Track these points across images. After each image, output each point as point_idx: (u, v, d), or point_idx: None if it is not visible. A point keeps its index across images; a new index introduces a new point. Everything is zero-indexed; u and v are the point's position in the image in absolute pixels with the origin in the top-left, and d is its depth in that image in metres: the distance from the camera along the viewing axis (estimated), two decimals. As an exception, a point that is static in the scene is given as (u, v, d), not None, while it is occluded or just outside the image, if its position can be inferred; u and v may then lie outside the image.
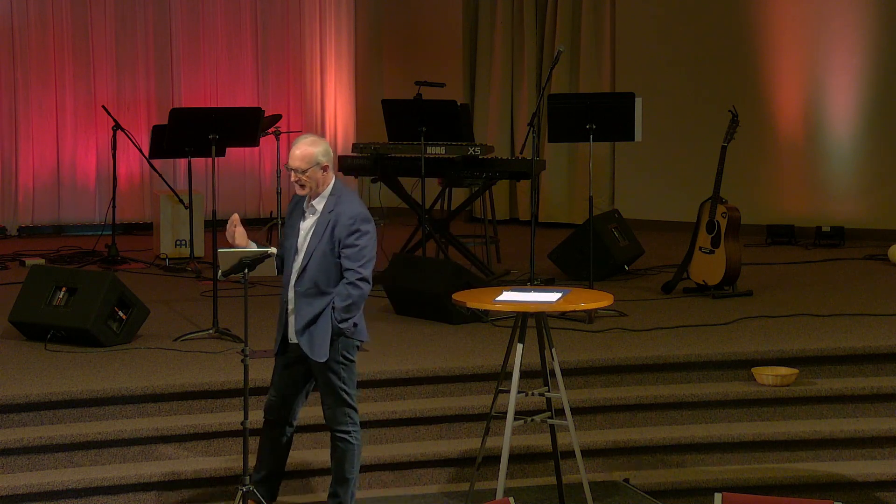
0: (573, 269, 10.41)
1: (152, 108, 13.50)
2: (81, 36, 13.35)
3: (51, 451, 6.96)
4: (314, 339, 6.30)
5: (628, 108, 9.35)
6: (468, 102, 14.05)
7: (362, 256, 6.26)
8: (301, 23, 14.21)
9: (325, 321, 6.28)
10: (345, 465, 6.42)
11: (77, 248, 12.09)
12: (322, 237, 6.26)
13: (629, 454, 7.52)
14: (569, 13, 13.71)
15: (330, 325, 6.28)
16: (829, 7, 12.59)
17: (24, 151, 13.25)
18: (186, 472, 6.99)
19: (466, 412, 7.51)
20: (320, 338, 6.29)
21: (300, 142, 6.31)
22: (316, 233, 6.28)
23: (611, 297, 6.83)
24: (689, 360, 8.03)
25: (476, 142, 10.87)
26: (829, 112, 12.63)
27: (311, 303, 6.27)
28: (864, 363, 8.10)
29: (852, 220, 12.48)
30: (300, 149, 6.27)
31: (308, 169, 6.24)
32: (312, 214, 6.33)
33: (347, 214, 6.26)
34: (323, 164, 6.27)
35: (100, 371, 7.66)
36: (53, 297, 8.37)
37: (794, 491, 7.34)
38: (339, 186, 6.35)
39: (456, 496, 7.12)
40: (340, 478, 6.44)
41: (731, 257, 9.76)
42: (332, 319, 6.26)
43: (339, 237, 6.25)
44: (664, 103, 12.87)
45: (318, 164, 6.26)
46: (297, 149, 6.28)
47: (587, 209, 9.41)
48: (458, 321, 8.85)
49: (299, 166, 6.24)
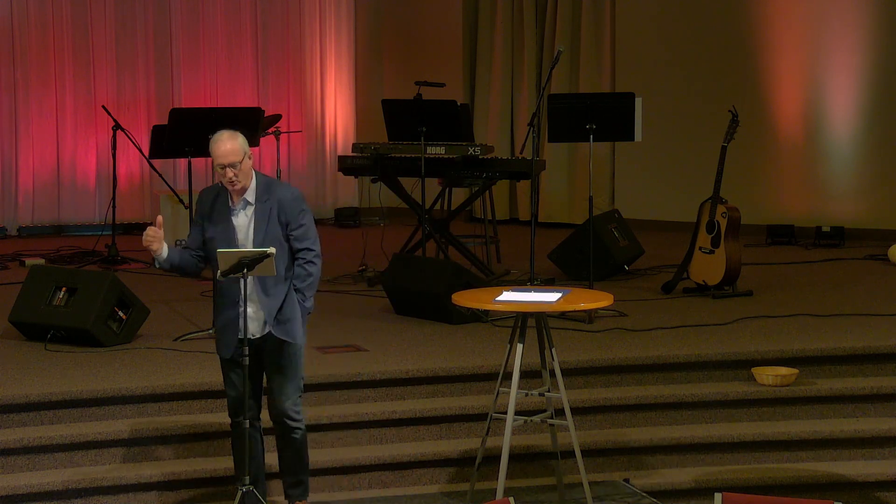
0: (573, 269, 10.41)
1: (152, 108, 13.51)
2: (81, 36, 13.36)
3: (51, 451, 6.96)
4: (289, 325, 6.33)
5: (628, 108, 9.35)
6: (468, 102, 14.05)
7: (310, 233, 6.36)
8: (301, 23, 14.21)
9: (294, 305, 6.34)
10: (304, 451, 6.53)
11: (77, 248, 12.09)
12: (268, 225, 6.26)
13: (629, 454, 7.51)
14: (569, 13, 13.71)
15: (298, 308, 6.34)
16: (829, 7, 12.60)
17: (24, 151, 13.26)
18: (186, 472, 6.98)
19: (466, 412, 7.51)
20: (295, 322, 6.34)
21: (221, 137, 6.21)
22: (259, 223, 6.27)
23: (611, 297, 6.83)
24: (689, 360, 8.02)
25: (476, 142, 10.87)
26: (829, 112, 12.63)
27: (274, 291, 6.29)
28: (864, 363, 8.10)
29: (852, 220, 12.48)
30: (227, 144, 6.18)
31: (240, 161, 6.20)
32: (245, 207, 6.30)
33: (288, 197, 6.30)
34: (249, 152, 6.28)
35: (100, 371, 7.65)
36: (53, 297, 8.37)
37: (794, 491, 7.34)
38: (260, 175, 6.36)
39: (456, 496, 7.12)
40: (301, 463, 6.53)
41: (731, 257, 9.76)
42: (299, 302, 6.33)
43: (287, 220, 6.28)
44: (664, 103, 12.87)
45: (246, 154, 6.24)
46: (222, 144, 6.18)
47: (587, 209, 9.41)
48: (458, 321, 8.85)
49: (233, 160, 6.17)
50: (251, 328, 6.31)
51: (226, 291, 6.31)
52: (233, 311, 6.30)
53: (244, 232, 6.29)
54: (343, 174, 11.43)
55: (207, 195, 6.39)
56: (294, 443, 6.50)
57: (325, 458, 7.17)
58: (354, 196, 14.48)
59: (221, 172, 6.21)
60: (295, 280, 6.35)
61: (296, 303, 6.35)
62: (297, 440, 6.49)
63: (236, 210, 6.31)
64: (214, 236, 6.30)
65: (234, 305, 6.29)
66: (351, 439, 7.36)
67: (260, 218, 6.27)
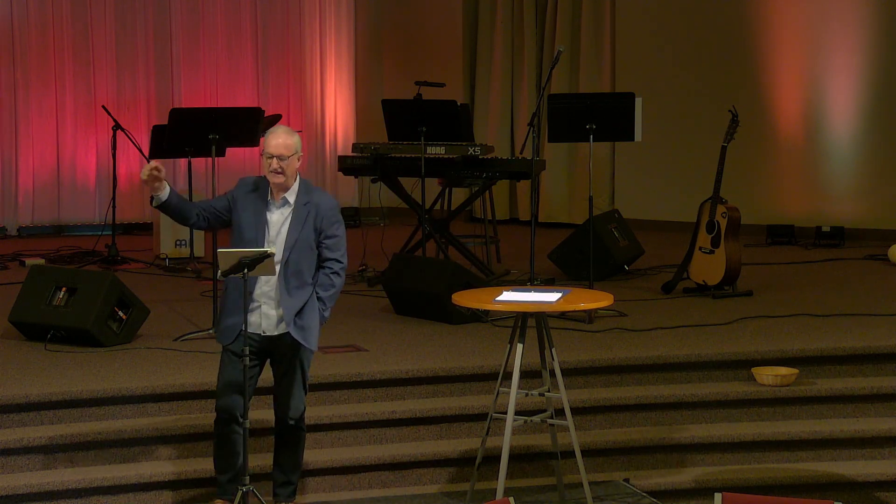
0: (573, 269, 10.41)
1: (152, 108, 13.51)
2: (81, 36, 13.36)
3: (51, 451, 6.96)
4: (307, 328, 6.37)
5: (628, 108, 9.34)
6: (468, 102, 14.05)
7: (342, 246, 6.43)
8: (301, 23, 14.21)
9: (314, 310, 6.38)
10: (300, 452, 6.58)
11: (77, 248, 12.09)
12: (303, 228, 6.32)
13: (629, 454, 7.51)
14: (569, 13, 13.71)
15: (318, 314, 6.39)
16: (829, 7, 12.60)
17: (24, 151, 13.26)
18: (186, 472, 6.98)
19: (466, 412, 7.51)
20: (312, 327, 6.39)
21: (278, 131, 6.36)
22: (294, 224, 6.32)
23: (611, 297, 6.83)
24: (689, 360, 8.02)
25: (476, 142, 10.87)
26: (829, 112, 12.63)
27: (297, 293, 6.32)
28: (864, 363, 8.10)
29: (852, 220, 12.48)
30: (281, 137, 6.32)
31: (289, 157, 6.31)
32: (283, 206, 6.36)
33: (327, 205, 6.38)
34: (300, 154, 6.38)
35: (100, 371, 7.65)
36: (53, 297, 8.37)
37: (794, 491, 7.34)
38: (303, 179, 6.44)
39: (456, 496, 7.12)
40: (296, 465, 6.58)
41: (731, 257, 9.76)
42: (319, 310, 6.38)
43: (321, 228, 6.34)
44: (664, 103, 12.88)
45: (297, 154, 6.35)
46: (277, 137, 6.32)
47: (587, 209, 9.40)
48: (458, 321, 8.85)
49: (283, 153, 6.29)
50: (264, 325, 6.36)
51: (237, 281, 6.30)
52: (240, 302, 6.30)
53: (276, 228, 6.34)
54: (343, 174, 11.43)
55: (247, 183, 6.46)
56: (296, 445, 6.55)
57: (325, 458, 7.18)
58: (354, 196, 14.48)
59: (268, 162, 6.30)
60: (318, 288, 6.39)
61: (316, 310, 6.39)
62: (300, 442, 6.56)
63: (273, 206, 6.36)
64: (243, 223, 6.35)
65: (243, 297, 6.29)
66: (351, 439, 7.36)
67: (296, 219, 6.33)
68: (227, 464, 6.53)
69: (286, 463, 6.58)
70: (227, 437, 6.48)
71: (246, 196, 6.41)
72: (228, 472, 6.53)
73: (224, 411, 6.44)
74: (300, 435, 6.55)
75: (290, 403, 6.45)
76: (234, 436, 6.46)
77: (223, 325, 6.43)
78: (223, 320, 6.44)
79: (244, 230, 6.35)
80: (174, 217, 6.56)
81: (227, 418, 6.44)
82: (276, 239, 6.33)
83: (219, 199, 6.50)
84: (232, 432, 6.46)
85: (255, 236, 6.32)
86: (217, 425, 6.52)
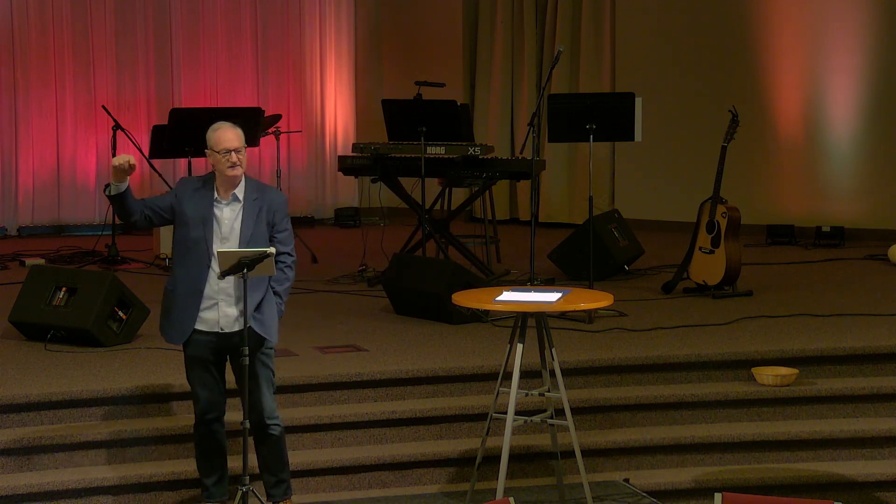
0: (573, 269, 10.41)
1: (152, 108, 13.52)
2: (81, 36, 13.36)
3: (51, 451, 6.96)
4: (266, 322, 6.37)
5: (628, 108, 9.35)
6: (468, 102, 14.05)
7: (292, 240, 6.47)
8: (301, 23, 14.21)
9: (272, 305, 6.41)
10: (284, 449, 6.54)
11: (77, 248, 12.09)
12: (255, 223, 6.30)
13: (629, 454, 7.52)
14: (569, 13, 13.71)
15: (275, 308, 6.42)
16: (829, 8, 12.60)
17: (24, 151, 13.26)
18: (186, 472, 6.98)
19: (466, 412, 7.51)
20: (272, 320, 6.40)
21: (224, 126, 6.29)
22: (247, 220, 6.30)
23: (611, 297, 6.83)
24: (689, 360, 8.02)
25: (476, 142, 10.87)
26: (829, 112, 12.63)
27: (255, 287, 6.29)
28: (864, 363, 8.10)
29: (852, 220, 12.48)
30: (230, 131, 6.27)
31: (243, 147, 6.29)
32: (232, 202, 6.32)
33: (279, 200, 6.40)
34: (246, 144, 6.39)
35: (100, 371, 7.65)
36: (53, 297, 8.37)
37: (794, 491, 7.34)
38: (247, 175, 6.41)
39: (456, 496, 7.12)
40: (283, 463, 6.54)
41: (731, 257, 9.76)
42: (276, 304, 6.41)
43: (273, 222, 6.35)
44: (664, 103, 12.88)
45: (244, 145, 6.33)
46: (227, 131, 6.26)
47: (587, 209, 9.41)
48: (458, 321, 8.85)
49: (239, 146, 6.26)
50: (222, 322, 6.34)
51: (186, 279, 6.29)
52: (192, 301, 6.28)
53: (229, 225, 6.30)
54: (343, 174, 11.43)
55: (189, 183, 6.41)
56: (275, 441, 6.49)
57: (325, 458, 7.18)
58: (354, 196, 14.48)
59: (226, 158, 6.24)
60: (274, 282, 6.40)
61: (273, 303, 6.41)
62: (278, 438, 6.50)
63: (222, 203, 6.32)
64: (190, 221, 6.28)
65: (195, 295, 6.28)
66: (351, 439, 7.36)
67: (248, 214, 6.30)
68: (213, 465, 6.53)
69: (274, 464, 6.53)
70: (212, 437, 6.47)
71: (193, 194, 6.32)
72: (215, 474, 6.53)
73: (207, 411, 6.43)
74: (280, 432, 6.49)
75: (263, 403, 6.41)
76: (218, 435, 6.47)
77: (173, 324, 6.37)
78: (171, 319, 6.38)
79: (191, 228, 6.28)
80: (120, 211, 6.36)
81: (211, 418, 6.44)
82: (229, 235, 6.29)
83: (161, 197, 6.41)
84: (216, 432, 6.46)
85: (202, 234, 6.26)
86: (200, 427, 6.49)
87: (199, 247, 6.27)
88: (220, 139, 6.25)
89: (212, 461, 6.53)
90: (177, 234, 6.37)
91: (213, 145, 6.27)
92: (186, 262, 6.31)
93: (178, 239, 6.34)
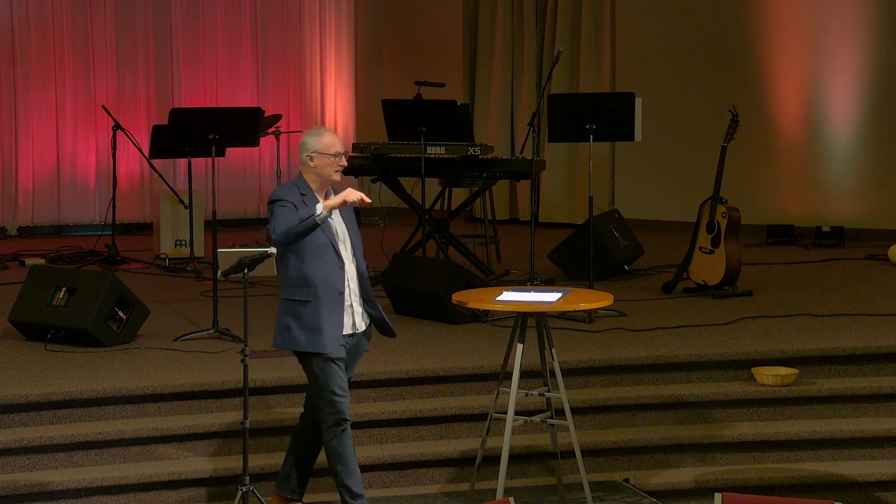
0: (573, 269, 10.41)
1: (152, 108, 13.51)
2: (81, 36, 13.36)
3: (51, 451, 6.96)
4: (385, 318, 6.52)
5: (628, 108, 9.35)
6: (468, 102, 14.05)
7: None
8: (301, 23, 14.21)
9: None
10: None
11: (77, 248, 12.09)
12: (353, 224, 6.44)
13: (629, 454, 7.52)
14: (569, 13, 13.71)
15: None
16: (829, 7, 12.60)
17: (24, 151, 13.26)
18: (186, 472, 6.99)
19: (466, 412, 7.51)
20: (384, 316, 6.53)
21: (328, 130, 6.38)
22: (348, 220, 6.41)
23: (611, 297, 6.83)
24: (689, 360, 8.03)
25: (476, 142, 10.88)
26: (829, 112, 12.63)
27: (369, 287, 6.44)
28: (864, 363, 8.10)
29: (852, 220, 12.48)
30: (336, 134, 6.36)
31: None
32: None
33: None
34: None
35: (100, 371, 7.66)
36: (53, 297, 8.37)
37: (794, 491, 7.34)
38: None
39: (456, 496, 7.12)
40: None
41: (731, 257, 9.76)
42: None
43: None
44: (664, 103, 12.88)
45: None
46: (333, 135, 6.35)
47: (587, 209, 9.41)
48: (458, 321, 8.85)
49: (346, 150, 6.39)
50: (357, 322, 6.40)
51: (326, 285, 6.27)
52: (337, 305, 6.29)
53: (335, 226, 6.34)
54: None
55: (290, 192, 6.28)
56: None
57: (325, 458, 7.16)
58: (354, 196, 14.45)
59: (336, 160, 6.32)
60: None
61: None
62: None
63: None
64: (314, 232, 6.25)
65: (336, 299, 6.29)
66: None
67: (347, 217, 6.42)
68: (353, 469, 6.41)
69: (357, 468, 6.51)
70: (349, 440, 6.38)
71: (303, 201, 6.28)
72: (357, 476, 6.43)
73: (346, 414, 6.34)
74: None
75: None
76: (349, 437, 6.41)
77: (324, 333, 6.26)
78: (321, 329, 6.26)
79: (316, 234, 6.23)
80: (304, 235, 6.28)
81: (348, 419, 6.37)
82: (344, 237, 6.37)
83: (290, 210, 6.22)
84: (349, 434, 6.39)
85: (327, 238, 6.27)
86: (338, 430, 6.34)
87: (327, 251, 6.27)
88: (332, 143, 6.30)
89: (352, 464, 6.40)
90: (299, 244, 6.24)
91: (322, 149, 6.29)
92: (321, 269, 6.26)
93: (304, 248, 6.24)
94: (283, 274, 6.30)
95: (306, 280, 6.25)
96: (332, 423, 6.32)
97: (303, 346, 6.28)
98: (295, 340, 6.29)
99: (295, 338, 6.28)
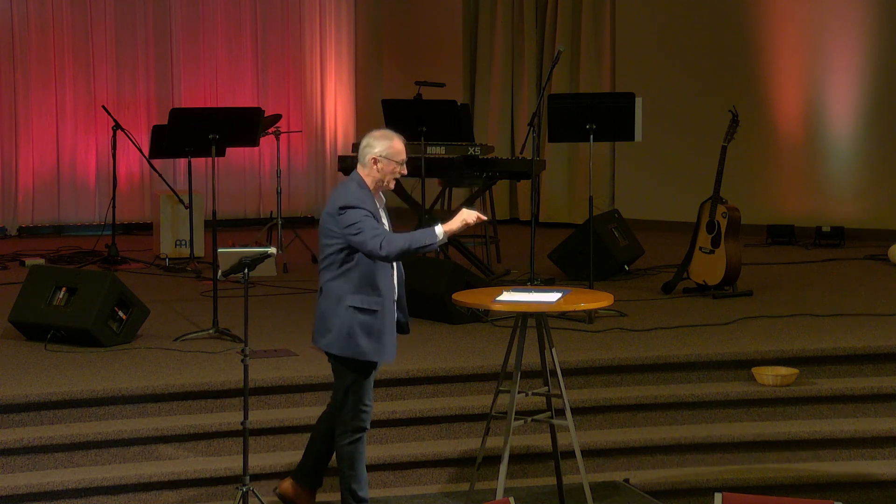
0: (573, 269, 10.41)
1: (152, 108, 13.51)
2: (81, 36, 13.36)
3: (51, 451, 6.96)
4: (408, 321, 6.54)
5: (628, 108, 9.35)
6: (468, 102, 14.05)
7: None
8: (301, 23, 14.21)
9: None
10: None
11: (77, 248, 12.08)
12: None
13: (629, 454, 7.52)
14: (569, 13, 13.71)
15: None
16: (829, 7, 12.60)
17: (24, 151, 13.26)
18: (186, 472, 6.98)
19: (466, 412, 7.51)
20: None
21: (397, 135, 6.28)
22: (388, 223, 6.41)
23: (611, 297, 6.83)
24: (689, 360, 8.03)
25: (476, 142, 10.88)
26: (829, 112, 12.63)
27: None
28: (864, 363, 8.10)
29: (852, 220, 12.48)
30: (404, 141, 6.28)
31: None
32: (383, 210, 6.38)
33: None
34: None
35: (100, 371, 7.65)
36: (53, 297, 8.37)
37: (794, 491, 7.34)
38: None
39: (456, 496, 7.12)
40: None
41: (731, 257, 9.76)
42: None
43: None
44: (664, 103, 12.88)
45: None
46: (402, 142, 6.26)
47: (587, 209, 9.41)
48: (458, 321, 8.85)
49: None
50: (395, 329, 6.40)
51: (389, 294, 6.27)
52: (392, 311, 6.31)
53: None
54: (343, 174, 11.42)
55: (365, 198, 6.23)
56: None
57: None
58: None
59: (399, 168, 6.25)
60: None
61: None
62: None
63: (381, 212, 6.34)
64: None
65: (392, 304, 6.29)
66: (351, 439, 7.35)
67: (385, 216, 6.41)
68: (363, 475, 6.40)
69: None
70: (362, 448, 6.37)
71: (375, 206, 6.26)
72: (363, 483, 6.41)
73: (367, 428, 6.35)
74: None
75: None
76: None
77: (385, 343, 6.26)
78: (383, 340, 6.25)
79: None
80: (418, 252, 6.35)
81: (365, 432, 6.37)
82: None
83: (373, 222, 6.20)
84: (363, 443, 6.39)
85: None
86: (358, 442, 6.33)
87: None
88: (401, 150, 6.24)
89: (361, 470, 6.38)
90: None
91: (391, 155, 6.22)
92: (385, 277, 6.27)
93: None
94: (346, 280, 6.18)
95: (376, 288, 6.22)
96: (352, 430, 6.31)
97: (367, 356, 6.22)
98: (359, 349, 6.21)
99: (359, 346, 6.20)
